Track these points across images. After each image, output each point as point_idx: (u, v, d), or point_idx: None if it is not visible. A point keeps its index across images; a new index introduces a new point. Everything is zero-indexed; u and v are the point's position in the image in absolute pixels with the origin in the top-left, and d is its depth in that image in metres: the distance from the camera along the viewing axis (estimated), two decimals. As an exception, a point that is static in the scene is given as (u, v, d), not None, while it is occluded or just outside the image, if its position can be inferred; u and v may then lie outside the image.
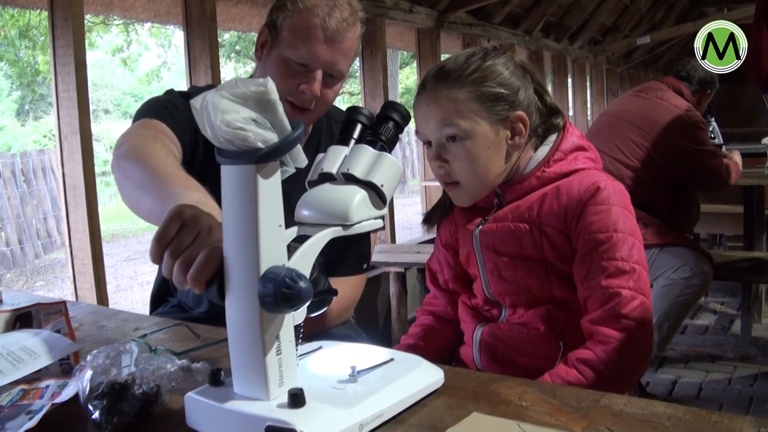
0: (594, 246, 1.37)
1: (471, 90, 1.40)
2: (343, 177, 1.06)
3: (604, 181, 1.42)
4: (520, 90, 1.44)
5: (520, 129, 1.44)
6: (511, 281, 1.46)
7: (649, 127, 3.27)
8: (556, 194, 1.42)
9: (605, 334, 1.33)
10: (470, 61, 1.43)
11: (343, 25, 1.59)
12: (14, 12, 11.37)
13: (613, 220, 1.38)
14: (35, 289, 7.36)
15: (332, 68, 1.62)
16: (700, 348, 3.97)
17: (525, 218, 1.44)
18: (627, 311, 1.33)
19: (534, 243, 1.43)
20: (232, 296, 0.92)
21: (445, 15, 5.58)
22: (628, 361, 1.34)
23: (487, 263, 1.49)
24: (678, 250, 3.15)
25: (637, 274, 1.36)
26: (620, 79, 10.08)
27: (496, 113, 1.41)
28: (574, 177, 1.44)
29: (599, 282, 1.36)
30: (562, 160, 1.46)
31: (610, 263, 1.36)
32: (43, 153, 8.88)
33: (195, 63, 3.57)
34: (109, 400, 0.99)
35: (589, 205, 1.39)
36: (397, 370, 1.07)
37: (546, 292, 1.44)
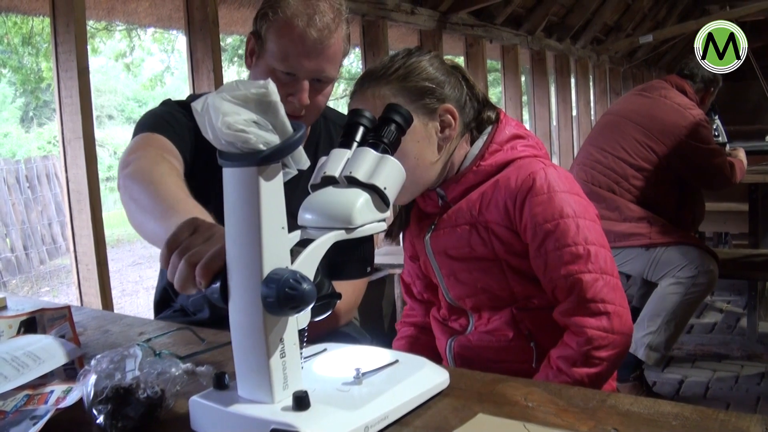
0: (544, 237, 1.36)
1: (396, 86, 1.42)
2: (346, 180, 1.06)
3: (541, 169, 1.40)
4: (446, 84, 1.44)
5: (449, 121, 1.44)
6: (468, 283, 1.46)
7: (653, 126, 3.26)
8: (495, 190, 1.42)
9: (578, 324, 1.33)
10: (394, 60, 1.45)
11: (324, 33, 1.56)
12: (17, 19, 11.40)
13: (557, 207, 1.37)
14: (40, 294, 7.38)
15: (319, 75, 1.60)
16: (706, 347, 3.96)
17: (468, 219, 1.44)
18: (593, 294, 1.33)
19: (483, 242, 1.42)
20: (235, 299, 0.92)
21: (447, 16, 5.58)
22: (610, 342, 1.33)
23: (443, 268, 1.49)
24: (683, 248, 3.15)
25: (593, 255, 1.35)
26: (623, 78, 10.07)
27: (423, 106, 1.42)
28: (510, 170, 1.42)
29: (559, 272, 1.36)
30: (498, 151, 1.45)
31: (563, 251, 1.35)
32: (47, 159, 8.90)
33: (197, 67, 3.57)
34: (113, 404, 0.98)
35: (529, 197, 1.37)
36: (401, 371, 1.06)
37: (505, 290, 1.43)
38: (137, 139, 1.58)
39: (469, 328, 1.49)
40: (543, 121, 7.71)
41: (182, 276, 0.94)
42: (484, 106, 1.51)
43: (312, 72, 1.59)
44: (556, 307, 1.38)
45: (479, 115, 1.50)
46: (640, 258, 3.21)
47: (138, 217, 1.31)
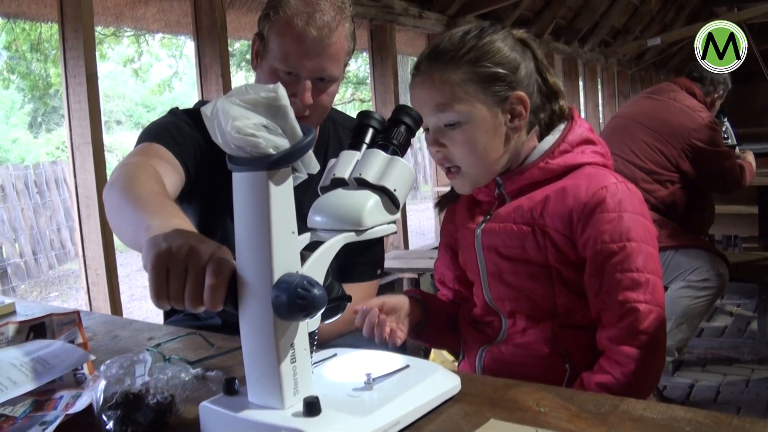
0: (606, 257, 1.30)
1: (467, 71, 1.33)
2: (356, 182, 1.05)
3: (614, 184, 1.33)
4: (520, 67, 1.36)
5: (520, 111, 1.36)
6: (513, 286, 1.39)
7: (662, 129, 3.25)
8: (562, 196, 1.34)
9: (625, 353, 1.28)
10: (465, 40, 1.35)
11: (324, 31, 1.55)
12: (26, 26, 11.46)
13: (625, 228, 1.30)
14: (49, 299, 7.39)
15: (321, 74, 1.59)
16: (717, 351, 3.93)
17: (528, 219, 1.36)
18: (645, 327, 1.28)
19: (537, 246, 1.35)
20: (245, 304, 0.91)
21: (455, 20, 5.58)
22: (647, 376, 1.30)
23: (488, 265, 1.42)
24: (694, 252, 3.13)
25: (651, 285, 1.30)
26: (631, 81, 10.05)
27: (493, 94, 1.33)
28: (581, 177, 1.36)
29: (615, 296, 1.30)
30: (568, 152, 1.38)
31: (624, 275, 1.29)
32: (55, 164, 8.92)
33: (206, 72, 3.58)
34: (123, 410, 0.98)
35: (598, 212, 1.31)
36: (413, 376, 1.06)
37: (548, 300, 1.37)
38: (134, 150, 1.58)
39: (501, 334, 1.42)
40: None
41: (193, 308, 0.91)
42: (552, 93, 1.42)
43: (313, 71, 1.58)
44: (601, 329, 1.33)
45: (546, 104, 1.42)
46: (649, 261, 3.19)
47: (115, 223, 1.30)
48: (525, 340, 1.39)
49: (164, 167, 1.49)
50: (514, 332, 1.41)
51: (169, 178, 1.47)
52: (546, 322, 1.37)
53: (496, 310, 1.43)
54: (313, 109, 1.62)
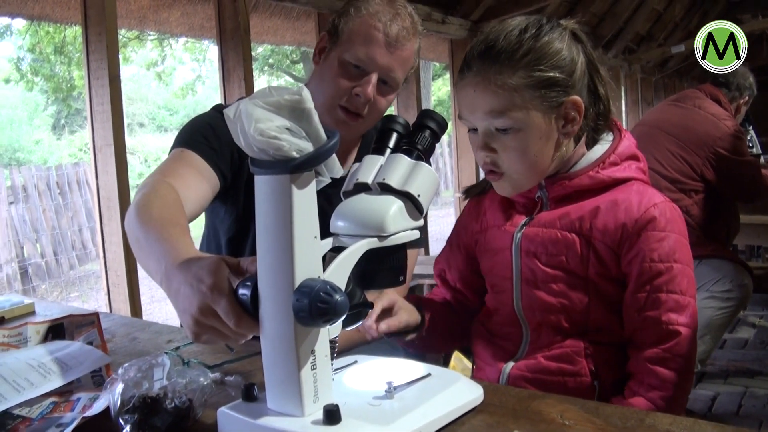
0: (653, 276, 1.27)
1: (524, 75, 1.25)
2: (379, 187, 1.04)
3: (663, 202, 1.31)
4: (576, 69, 1.29)
5: (574, 116, 1.29)
6: (548, 295, 1.33)
7: (687, 137, 3.21)
8: (613, 209, 1.30)
9: (662, 377, 1.25)
10: (523, 40, 1.27)
11: (403, 33, 1.59)
12: (50, 29, 11.57)
13: (673, 249, 1.28)
14: (70, 300, 7.44)
15: (388, 74, 1.60)
16: (739, 363, 3.88)
17: (575, 228, 1.31)
18: (685, 351, 1.26)
19: (580, 257, 1.31)
20: (265, 309, 0.90)
21: (479, 25, 5.56)
22: (682, 401, 1.28)
23: (525, 271, 1.36)
24: (717, 262, 3.09)
25: (692, 310, 1.28)
26: (655, 88, 9.98)
27: (549, 100, 1.27)
28: (631, 193, 1.32)
29: (658, 316, 1.26)
30: (617, 164, 1.34)
31: (669, 296, 1.27)
32: (78, 166, 8.99)
33: (228, 75, 3.59)
34: (140, 414, 0.97)
35: (649, 229, 1.28)
36: (434, 386, 1.04)
37: (582, 314, 1.32)
38: (169, 156, 1.59)
39: (521, 348, 1.37)
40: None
41: None
42: (598, 97, 1.36)
43: (383, 67, 1.59)
44: (635, 349, 1.30)
45: (592, 106, 1.35)
46: (673, 271, 3.15)
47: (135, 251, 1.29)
48: (552, 354, 1.34)
49: (190, 179, 1.49)
50: (538, 346, 1.35)
51: (193, 190, 1.48)
52: (574, 338, 1.33)
53: (520, 321, 1.38)
54: (369, 110, 1.62)
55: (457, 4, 5.40)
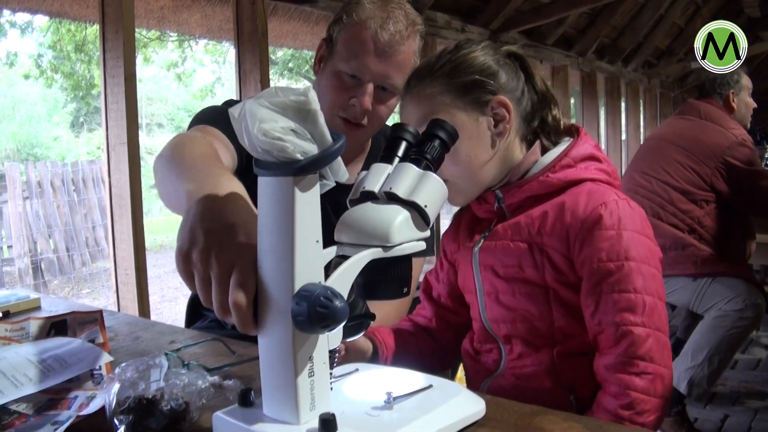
0: (603, 276, 1.25)
1: (443, 83, 1.33)
2: (386, 196, 1.02)
3: (614, 201, 1.28)
4: (500, 74, 1.34)
5: (503, 114, 1.33)
6: (509, 306, 1.34)
7: (695, 148, 3.20)
8: (560, 212, 1.30)
9: (623, 383, 1.21)
10: (441, 56, 1.37)
11: (395, 38, 1.56)
12: (71, 26, 11.66)
13: (624, 247, 1.25)
14: (81, 297, 7.47)
15: (384, 81, 1.59)
16: (750, 384, 3.83)
17: (525, 237, 1.32)
18: (643, 352, 1.22)
19: (535, 265, 1.31)
20: (264, 313, 0.88)
21: (498, 35, 5.55)
22: (651, 407, 1.22)
23: (485, 285, 1.38)
24: (731, 280, 3.06)
25: (650, 308, 1.24)
26: (674, 103, 9.93)
27: (473, 101, 1.32)
28: (581, 194, 1.31)
29: (611, 317, 1.24)
30: (571, 167, 1.34)
31: (621, 296, 1.24)
32: (93, 163, 9.06)
33: (245, 77, 3.60)
34: (135, 415, 0.96)
35: (595, 229, 1.26)
36: (435, 397, 1.02)
37: (546, 322, 1.32)
38: (189, 130, 1.56)
39: (501, 365, 1.38)
40: (590, 144, 7.62)
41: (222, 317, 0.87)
42: (544, 101, 1.40)
43: (377, 76, 1.57)
44: (598, 356, 1.27)
45: (538, 112, 1.39)
46: (686, 289, 3.13)
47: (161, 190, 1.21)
48: (525, 372, 1.33)
49: (219, 146, 1.44)
50: (513, 362, 1.36)
51: (222, 154, 1.41)
52: (545, 350, 1.32)
53: (493, 336, 1.39)
54: (370, 118, 1.60)
55: (477, 13, 5.40)
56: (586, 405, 1.28)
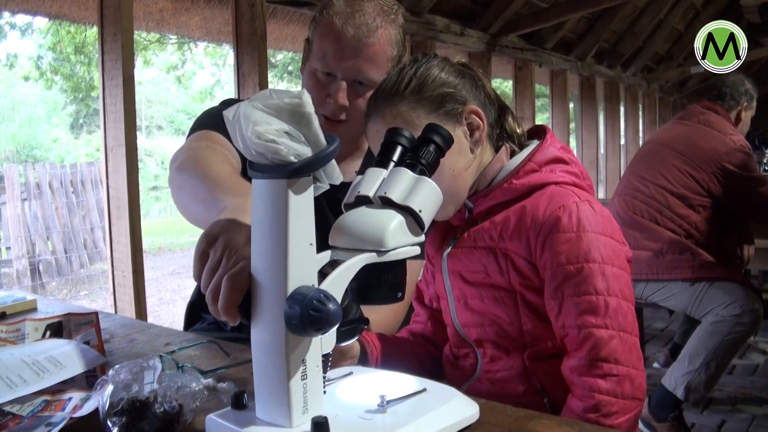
0: (563, 279, 1.24)
1: (413, 99, 1.31)
2: (380, 201, 1.02)
3: (574, 203, 1.27)
4: (464, 86, 1.34)
5: (477, 122, 1.33)
6: (478, 311, 1.34)
7: (693, 153, 3.20)
8: (521, 216, 1.29)
9: (587, 385, 1.20)
10: (403, 74, 1.34)
11: (362, 31, 1.54)
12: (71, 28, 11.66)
13: (583, 249, 1.23)
14: (78, 298, 7.47)
15: (358, 76, 1.57)
16: (748, 390, 3.83)
17: (488, 243, 1.32)
18: (606, 353, 1.20)
19: (499, 270, 1.30)
20: (257, 316, 0.88)
21: (497, 39, 5.56)
22: (619, 409, 1.20)
23: (454, 290, 1.38)
24: (728, 285, 3.05)
25: (613, 309, 1.22)
26: (673, 107, 9.95)
27: (446, 114, 1.31)
28: (542, 197, 1.30)
29: (573, 320, 1.23)
30: (536, 171, 1.32)
31: (582, 298, 1.22)
32: (92, 165, 9.05)
33: (244, 80, 3.60)
34: (128, 417, 0.96)
35: (554, 232, 1.25)
36: (429, 401, 1.02)
37: (514, 325, 1.31)
38: (191, 137, 1.58)
39: (477, 369, 1.38)
40: (590, 148, 7.64)
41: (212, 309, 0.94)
42: (500, 109, 1.40)
43: (349, 71, 1.56)
44: (565, 359, 1.26)
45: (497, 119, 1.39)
46: (683, 294, 3.13)
47: (185, 204, 1.31)
48: (499, 377, 1.34)
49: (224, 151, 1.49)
50: (487, 365, 1.36)
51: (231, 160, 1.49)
52: (515, 354, 1.32)
53: (467, 340, 1.39)
54: (350, 113, 1.59)
55: (476, 17, 5.40)
56: (560, 407, 1.28)
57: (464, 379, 1.40)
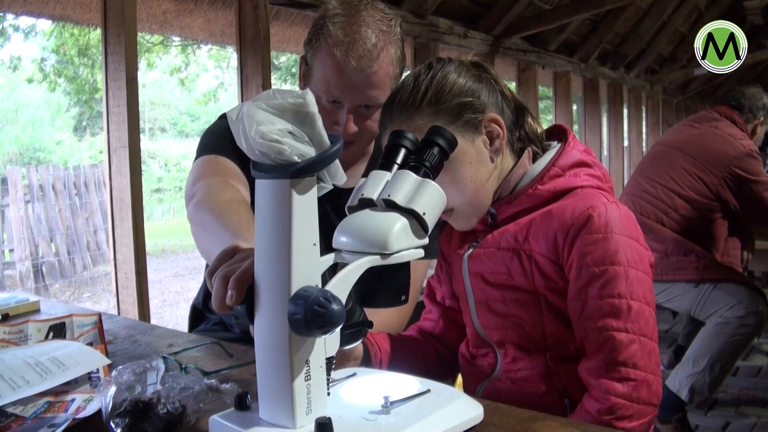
0: (588, 280, 1.23)
1: (431, 112, 1.29)
2: (384, 203, 1.01)
3: (602, 204, 1.26)
4: (482, 91, 1.32)
5: (497, 131, 1.31)
6: (500, 313, 1.33)
7: (702, 156, 3.19)
8: (547, 218, 1.28)
9: (604, 387, 1.20)
10: (419, 83, 1.32)
11: (364, 61, 1.51)
12: (74, 31, 11.68)
13: (610, 251, 1.22)
14: (82, 300, 7.47)
15: (365, 102, 1.56)
16: (752, 391, 3.82)
17: (512, 244, 1.30)
18: (625, 357, 1.20)
19: (523, 272, 1.29)
20: (261, 316, 0.88)
21: (501, 40, 5.55)
22: (634, 413, 1.20)
23: (476, 292, 1.36)
24: (732, 287, 3.05)
25: (635, 313, 1.21)
26: (676, 109, 9.94)
27: (465, 124, 1.29)
28: (568, 199, 1.29)
29: (595, 322, 1.22)
30: (560, 176, 1.31)
31: (605, 301, 1.21)
32: (96, 167, 9.05)
33: (247, 82, 3.60)
34: (131, 418, 0.96)
35: (583, 233, 1.23)
36: (433, 402, 1.01)
37: (537, 328, 1.30)
38: (201, 164, 1.58)
39: (497, 369, 1.37)
40: (594, 150, 7.61)
41: (217, 294, 0.92)
42: (519, 110, 1.38)
43: (355, 99, 1.55)
44: (583, 360, 1.26)
45: (517, 121, 1.37)
46: (687, 295, 3.12)
47: (207, 246, 1.31)
48: (520, 376, 1.32)
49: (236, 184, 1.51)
50: (508, 365, 1.35)
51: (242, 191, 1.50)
52: (538, 354, 1.31)
53: (487, 341, 1.38)
54: (358, 136, 1.59)
55: (480, 19, 5.40)
56: None
57: (482, 378, 1.39)
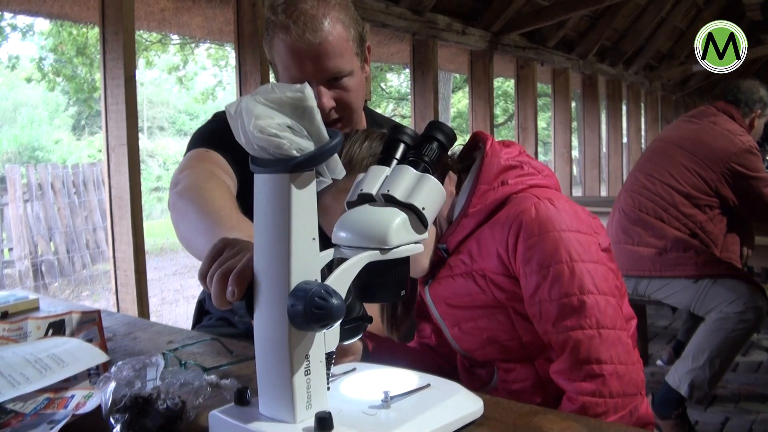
0: (537, 285, 1.22)
1: None
2: (383, 198, 1.01)
3: (532, 206, 1.24)
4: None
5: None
6: (474, 334, 1.32)
7: (701, 152, 3.19)
8: (487, 235, 1.27)
9: (574, 389, 1.19)
10: None
11: (309, 34, 1.48)
12: (73, 30, 11.67)
13: (549, 251, 1.21)
14: (81, 299, 7.46)
15: (329, 74, 1.54)
16: (751, 387, 3.82)
17: (463, 269, 1.30)
18: (586, 354, 1.18)
19: (482, 291, 1.28)
20: (260, 311, 0.88)
21: (499, 37, 5.55)
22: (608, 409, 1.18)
23: (446, 319, 1.35)
24: (732, 282, 3.05)
25: (588, 307, 1.19)
26: (675, 106, 9.95)
27: None
28: (503, 211, 1.27)
29: (552, 325, 1.21)
30: (489, 191, 1.29)
31: (555, 303, 1.20)
32: (94, 166, 9.05)
33: (245, 79, 3.61)
34: (131, 414, 0.95)
35: (520, 241, 1.22)
36: (433, 397, 1.01)
37: (514, 340, 1.29)
38: (189, 155, 1.58)
39: (494, 378, 1.36)
40: (592, 147, 7.63)
41: (216, 290, 0.92)
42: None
43: (316, 75, 1.53)
44: (553, 363, 1.25)
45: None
46: (687, 291, 3.12)
47: (185, 233, 1.32)
48: (515, 389, 1.32)
49: (223, 176, 1.50)
50: (503, 376, 1.34)
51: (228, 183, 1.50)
52: (526, 365, 1.31)
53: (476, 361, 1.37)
54: (339, 110, 1.58)
55: (478, 16, 5.40)
56: None
57: (481, 386, 1.38)
